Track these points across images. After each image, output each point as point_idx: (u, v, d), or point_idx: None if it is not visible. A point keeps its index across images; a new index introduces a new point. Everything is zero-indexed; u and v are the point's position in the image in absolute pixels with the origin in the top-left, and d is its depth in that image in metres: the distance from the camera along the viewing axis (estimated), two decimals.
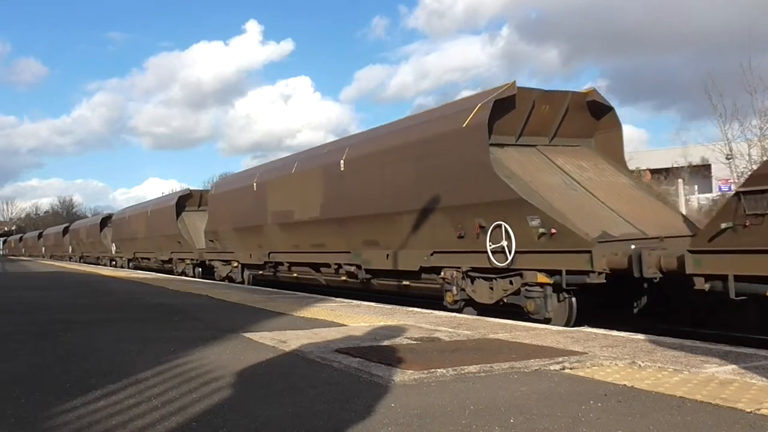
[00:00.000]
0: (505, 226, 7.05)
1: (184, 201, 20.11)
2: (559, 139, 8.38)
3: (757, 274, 4.95)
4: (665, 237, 6.68)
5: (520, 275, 7.03)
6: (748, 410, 2.65)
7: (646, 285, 6.58)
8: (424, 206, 8.38)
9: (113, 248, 28.71)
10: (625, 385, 3.17)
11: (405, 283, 9.34)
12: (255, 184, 13.98)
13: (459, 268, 7.87)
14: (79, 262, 35.91)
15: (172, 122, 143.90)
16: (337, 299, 8.91)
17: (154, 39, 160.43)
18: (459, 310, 7.68)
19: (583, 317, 6.73)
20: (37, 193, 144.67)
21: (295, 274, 12.88)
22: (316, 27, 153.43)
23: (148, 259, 23.20)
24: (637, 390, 3.07)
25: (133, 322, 6.35)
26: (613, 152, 8.45)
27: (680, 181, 23.71)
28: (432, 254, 8.33)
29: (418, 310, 7.35)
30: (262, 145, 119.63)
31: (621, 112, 8.61)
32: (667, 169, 27.56)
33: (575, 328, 5.74)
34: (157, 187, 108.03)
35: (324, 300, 8.76)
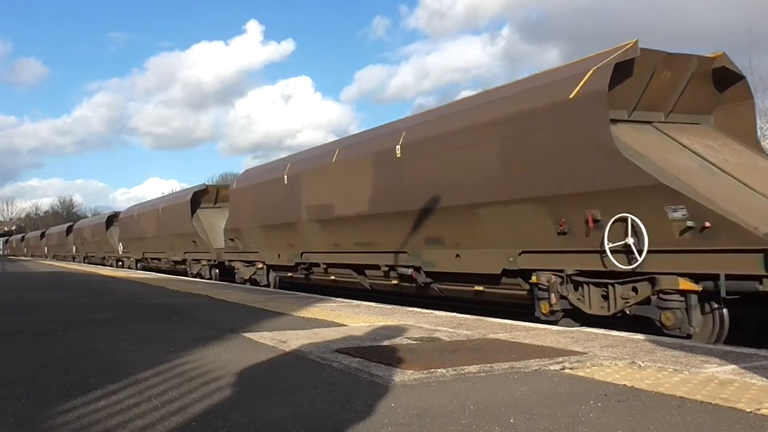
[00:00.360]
0: (632, 219, 5.74)
1: (199, 197, 18.55)
2: (676, 114, 6.93)
3: None
4: None
5: (652, 280, 5.72)
6: (748, 410, 2.65)
7: None
8: (510, 196, 7.04)
9: (120, 248, 27.35)
10: (625, 385, 3.17)
11: (478, 288, 7.92)
12: (286, 176, 12.53)
13: (561, 271, 6.55)
14: (83, 262, 34.91)
15: (173, 122, 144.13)
16: (337, 299, 8.91)
17: (155, 39, 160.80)
18: (555, 322, 6.42)
19: (735, 334, 5.53)
20: (37, 193, 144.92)
21: (332, 277, 11.40)
22: (316, 27, 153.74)
23: (159, 259, 21.89)
24: (637, 390, 3.07)
25: (133, 322, 6.35)
26: (742, 130, 6.94)
27: None
28: (520, 254, 7.01)
29: (418, 310, 7.35)
30: (263, 145, 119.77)
31: None
32: None
33: (575, 328, 5.72)
34: (157, 187, 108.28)
35: (324, 300, 8.75)
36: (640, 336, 4.87)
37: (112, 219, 30.10)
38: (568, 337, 4.88)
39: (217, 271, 17.33)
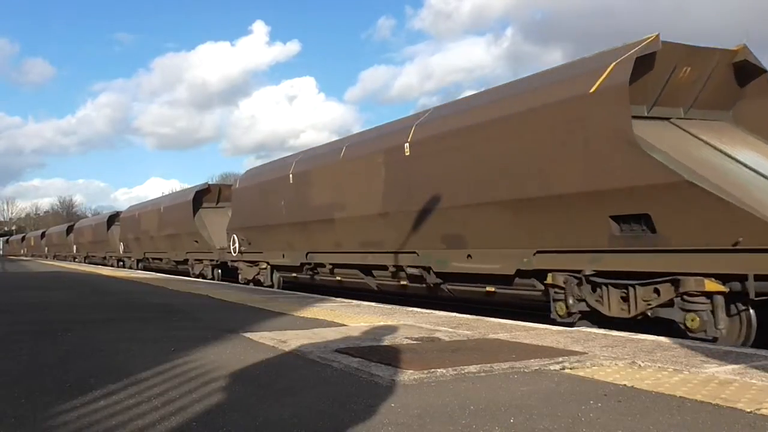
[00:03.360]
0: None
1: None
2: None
3: None
4: None
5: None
6: (748, 410, 2.64)
7: None
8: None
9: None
10: (625, 385, 3.17)
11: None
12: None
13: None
14: (84, 262, 34.38)
15: (177, 122, 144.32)
16: (338, 299, 8.90)
17: (161, 40, 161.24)
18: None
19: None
20: (39, 193, 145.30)
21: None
22: (322, 28, 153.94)
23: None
24: (637, 390, 3.07)
25: (133, 322, 6.35)
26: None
27: None
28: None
29: (418, 310, 7.34)
30: (266, 146, 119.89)
31: None
32: None
33: (575, 328, 5.72)
34: (158, 186, 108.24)
35: (324, 300, 8.75)
36: (640, 336, 4.87)
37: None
38: (568, 337, 4.88)
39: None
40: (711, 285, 5.31)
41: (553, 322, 6.26)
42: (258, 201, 13.92)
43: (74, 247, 38.12)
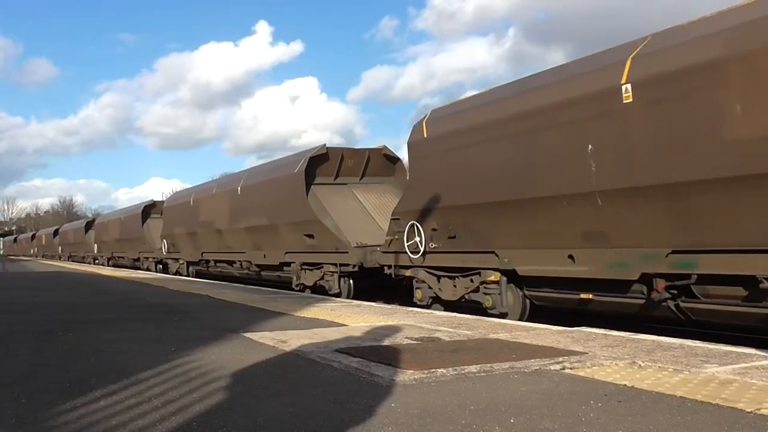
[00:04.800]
0: None
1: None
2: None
3: None
4: None
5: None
6: (748, 410, 2.65)
7: None
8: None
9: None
10: (625, 384, 3.17)
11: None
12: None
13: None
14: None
15: (180, 122, 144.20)
16: (338, 299, 8.91)
17: (164, 40, 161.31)
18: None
19: None
20: (40, 193, 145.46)
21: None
22: (325, 28, 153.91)
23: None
24: (637, 390, 3.07)
25: (134, 322, 6.35)
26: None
27: None
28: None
29: (418, 310, 7.35)
30: (267, 146, 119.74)
31: None
32: None
33: (575, 328, 5.72)
34: (159, 186, 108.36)
35: (324, 300, 8.75)
36: (640, 336, 4.87)
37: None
38: (569, 337, 4.88)
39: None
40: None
41: (537, 321, 6.47)
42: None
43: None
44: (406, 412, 2.70)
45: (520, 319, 7.13)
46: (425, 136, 8.73)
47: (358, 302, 8.32)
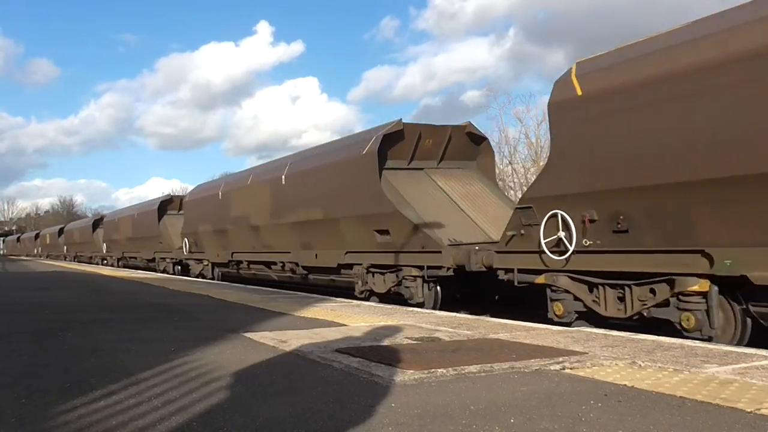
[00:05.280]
0: None
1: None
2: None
3: None
4: None
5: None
6: (748, 410, 2.65)
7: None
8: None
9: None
10: (625, 385, 3.17)
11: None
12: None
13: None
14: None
15: (180, 123, 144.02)
16: (338, 299, 8.91)
17: (165, 40, 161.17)
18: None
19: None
20: (41, 193, 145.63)
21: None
22: (326, 28, 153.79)
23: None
24: (637, 390, 3.07)
25: (134, 322, 6.35)
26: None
27: None
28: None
29: (419, 310, 7.35)
30: (268, 146, 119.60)
31: None
32: None
33: (575, 328, 5.72)
34: (159, 186, 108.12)
35: (324, 300, 8.75)
36: (640, 336, 4.87)
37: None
38: (569, 337, 4.88)
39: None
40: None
41: (537, 320, 6.35)
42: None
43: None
44: (406, 412, 2.70)
45: (738, 344, 5.27)
46: (579, 93, 6.44)
47: (358, 302, 8.32)
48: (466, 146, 10.45)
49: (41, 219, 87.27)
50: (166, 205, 22.00)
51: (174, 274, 19.75)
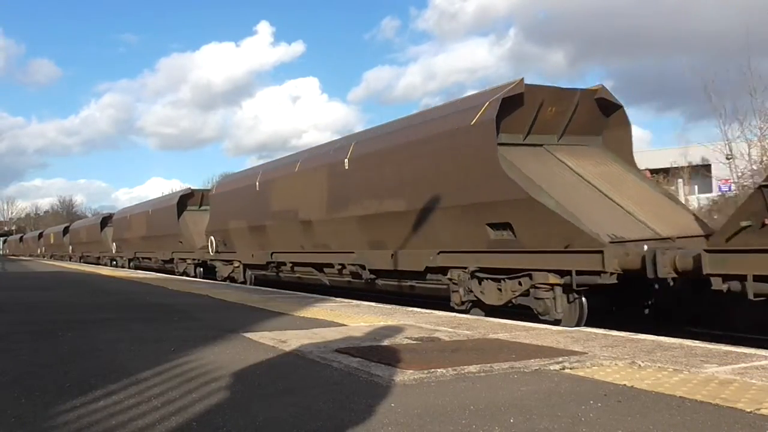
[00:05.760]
0: None
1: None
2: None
3: None
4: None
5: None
6: (748, 410, 2.65)
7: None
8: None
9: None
10: (625, 384, 3.17)
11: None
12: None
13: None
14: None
15: (181, 123, 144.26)
16: (338, 299, 8.91)
17: (166, 40, 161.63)
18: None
19: None
20: (40, 193, 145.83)
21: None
22: (327, 28, 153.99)
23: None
24: (637, 390, 3.07)
25: (133, 322, 6.35)
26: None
27: (680, 180, 23.72)
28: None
29: (418, 310, 7.35)
30: (268, 146, 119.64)
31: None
32: (666, 169, 27.62)
33: (575, 328, 5.73)
34: (159, 186, 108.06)
35: (324, 300, 8.75)
36: (640, 336, 4.87)
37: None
38: (568, 337, 4.88)
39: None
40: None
41: (537, 321, 6.49)
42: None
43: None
44: (406, 412, 2.70)
45: None
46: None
47: (358, 302, 8.31)
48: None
49: (41, 219, 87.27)
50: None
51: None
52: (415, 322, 5.93)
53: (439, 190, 8.04)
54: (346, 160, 10.07)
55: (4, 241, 75.04)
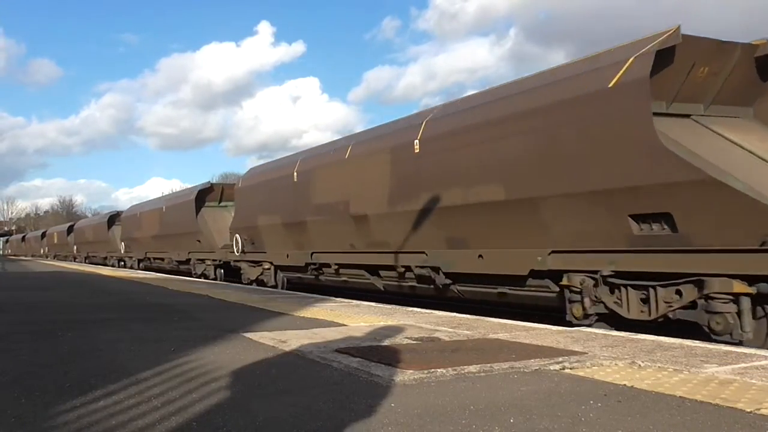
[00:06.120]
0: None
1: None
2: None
3: None
4: None
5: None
6: (748, 410, 2.65)
7: None
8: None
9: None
10: (625, 384, 3.17)
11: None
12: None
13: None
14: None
15: (181, 123, 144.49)
16: (337, 299, 8.91)
17: (166, 40, 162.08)
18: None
19: None
20: (41, 193, 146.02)
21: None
22: (327, 28, 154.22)
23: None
24: (637, 390, 3.07)
25: (133, 322, 6.35)
26: None
27: None
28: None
29: (418, 310, 7.35)
30: (268, 146, 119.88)
31: None
32: None
33: (575, 328, 5.72)
34: (159, 186, 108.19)
35: (324, 300, 8.75)
36: (640, 336, 4.87)
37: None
38: (568, 336, 4.88)
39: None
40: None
41: (537, 321, 6.24)
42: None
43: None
44: (406, 412, 2.70)
45: None
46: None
47: (358, 302, 8.31)
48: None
49: (41, 219, 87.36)
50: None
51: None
52: (415, 322, 5.93)
53: (555, 173, 6.44)
54: (417, 141, 8.44)
55: (6, 241, 74.99)
